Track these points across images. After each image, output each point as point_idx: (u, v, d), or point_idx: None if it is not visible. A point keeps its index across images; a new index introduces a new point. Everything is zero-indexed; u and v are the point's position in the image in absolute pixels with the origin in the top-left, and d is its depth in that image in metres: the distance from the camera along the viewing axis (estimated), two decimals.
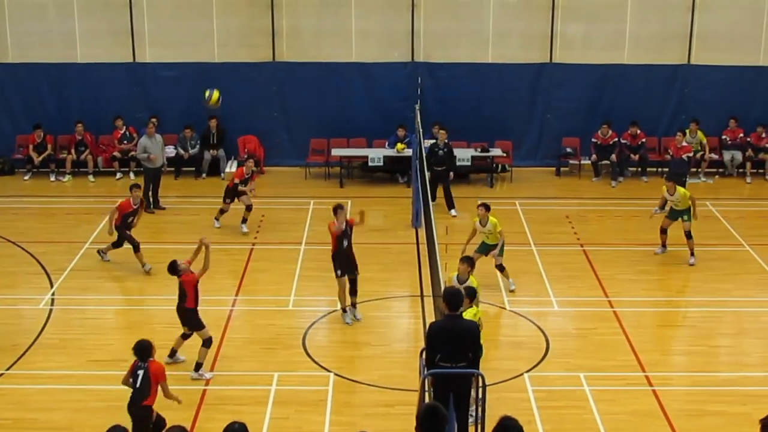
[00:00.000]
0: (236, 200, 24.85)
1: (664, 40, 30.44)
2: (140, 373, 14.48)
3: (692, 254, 22.95)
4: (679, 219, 23.00)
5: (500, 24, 30.36)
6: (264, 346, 18.67)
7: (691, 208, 22.90)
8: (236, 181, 24.78)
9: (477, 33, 30.44)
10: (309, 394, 16.82)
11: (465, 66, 30.29)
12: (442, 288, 14.59)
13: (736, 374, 17.84)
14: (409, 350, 18.21)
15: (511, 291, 21.05)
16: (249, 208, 24.84)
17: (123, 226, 22.24)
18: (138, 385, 14.44)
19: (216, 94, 23.93)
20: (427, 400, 13.61)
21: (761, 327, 20.15)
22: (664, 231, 23.41)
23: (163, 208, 26.47)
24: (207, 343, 17.45)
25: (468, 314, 15.24)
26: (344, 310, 19.74)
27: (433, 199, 25.22)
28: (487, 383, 13.73)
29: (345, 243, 19.53)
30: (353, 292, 19.76)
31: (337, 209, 19.63)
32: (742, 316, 20.55)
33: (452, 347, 13.73)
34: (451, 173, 26.98)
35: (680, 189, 22.94)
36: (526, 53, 30.51)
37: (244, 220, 24.81)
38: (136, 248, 22.21)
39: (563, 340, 19.09)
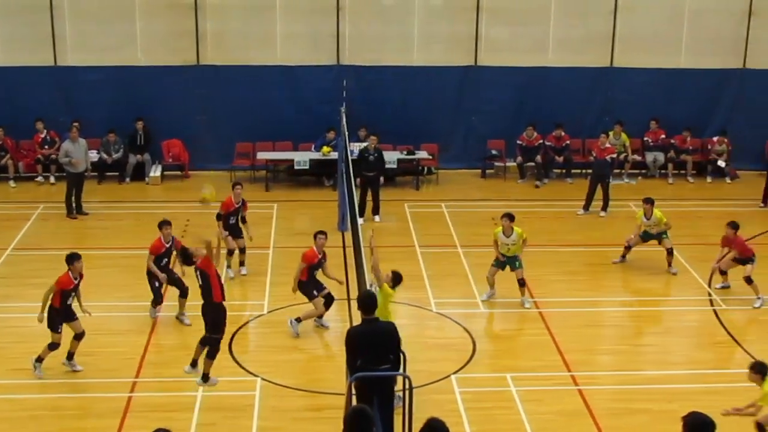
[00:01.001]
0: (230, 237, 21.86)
1: (588, 43, 30.75)
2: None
3: (670, 264, 22.86)
4: (654, 241, 22.86)
5: (425, 27, 30.46)
6: (190, 352, 18.40)
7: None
8: (223, 212, 21.86)
9: (403, 36, 30.51)
10: (236, 399, 16.72)
11: (391, 69, 30.34)
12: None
13: (661, 372, 18.03)
14: (336, 354, 18.16)
15: (526, 308, 20.69)
16: (243, 250, 22.17)
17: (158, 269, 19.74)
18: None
19: (208, 192, 20.32)
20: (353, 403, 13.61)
21: (685, 326, 20.41)
22: (629, 247, 23.24)
23: (86, 214, 26.18)
24: (211, 353, 16.64)
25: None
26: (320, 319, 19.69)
27: (362, 214, 25.13)
28: (413, 385, 13.75)
29: (316, 273, 19.39)
30: (329, 305, 19.67)
31: (318, 235, 19.43)
32: (666, 315, 20.83)
33: (373, 350, 13.74)
34: (381, 178, 27.03)
35: (657, 212, 22.74)
36: (451, 56, 30.63)
37: (242, 263, 22.40)
38: (156, 301, 19.95)
39: (490, 342, 19.21)
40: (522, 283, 20.67)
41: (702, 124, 31.17)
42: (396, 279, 16.85)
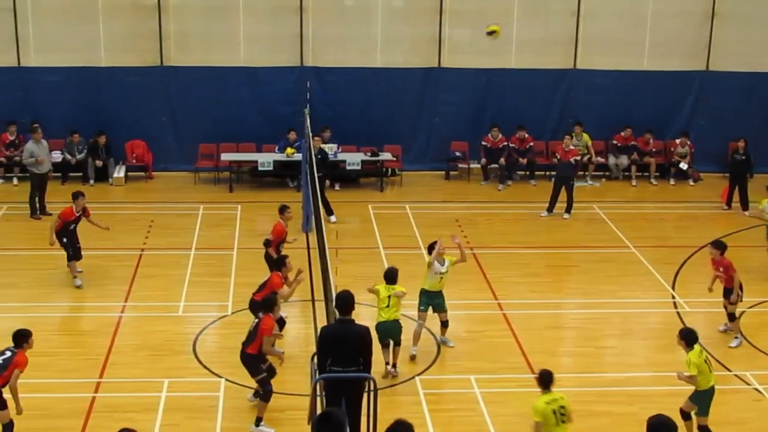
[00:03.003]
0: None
1: (550, 45, 30.85)
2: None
3: None
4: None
5: (388, 29, 30.49)
6: (153, 353, 18.50)
7: None
8: (273, 238, 20.58)
9: (365, 37, 30.53)
10: (199, 400, 16.70)
11: (354, 70, 30.33)
12: (334, 292, 14.61)
13: (623, 375, 18.12)
14: (300, 355, 18.15)
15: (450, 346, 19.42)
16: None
17: (63, 233, 21.36)
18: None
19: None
20: (318, 404, 13.62)
21: (646, 328, 20.49)
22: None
23: (50, 214, 25.95)
24: (265, 395, 16.04)
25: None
26: None
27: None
28: (378, 387, 13.76)
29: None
30: None
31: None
32: (627, 317, 20.87)
33: (343, 351, 13.78)
34: (327, 181, 26.71)
35: None
36: (414, 58, 30.66)
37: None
38: (70, 257, 21.51)
39: (454, 343, 19.18)
40: (447, 323, 19.22)
41: (664, 126, 31.34)
42: (385, 276, 17.73)
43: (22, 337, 14.90)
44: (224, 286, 21.55)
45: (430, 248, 18.88)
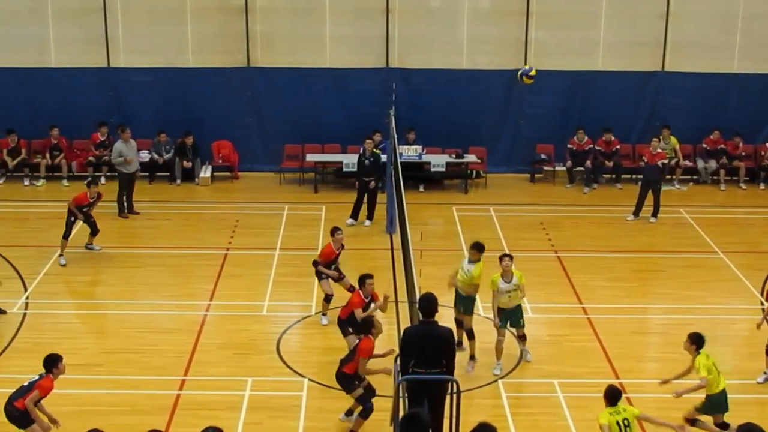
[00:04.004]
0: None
1: (638, 47, 30.53)
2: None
3: None
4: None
5: (474, 30, 30.39)
6: (237, 352, 18.63)
7: None
8: (322, 261, 20.09)
9: (451, 39, 30.46)
10: (283, 399, 16.79)
11: (439, 72, 30.28)
12: (417, 294, 14.60)
13: None
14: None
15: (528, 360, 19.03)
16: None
17: (74, 214, 22.99)
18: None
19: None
20: (401, 405, 13.61)
21: (734, 334, 20.20)
22: None
23: (137, 213, 26.35)
24: (364, 413, 15.78)
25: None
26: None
27: (354, 217, 25.22)
28: (461, 389, 13.71)
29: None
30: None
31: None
32: (714, 324, 20.54)
33: (426, 353, 13.76)
34: (377, 183, 26.45)
35: None
36: (499, 59, 30.51)
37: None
38: (66, 236, 23.00)
39: (537, 347, 19.06)
40: (524, 337, 18.70)
41: (754, 129, 30.81)
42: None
43: (50, 363, 14.83)
44: (308, 286, 21.61)
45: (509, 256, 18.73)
